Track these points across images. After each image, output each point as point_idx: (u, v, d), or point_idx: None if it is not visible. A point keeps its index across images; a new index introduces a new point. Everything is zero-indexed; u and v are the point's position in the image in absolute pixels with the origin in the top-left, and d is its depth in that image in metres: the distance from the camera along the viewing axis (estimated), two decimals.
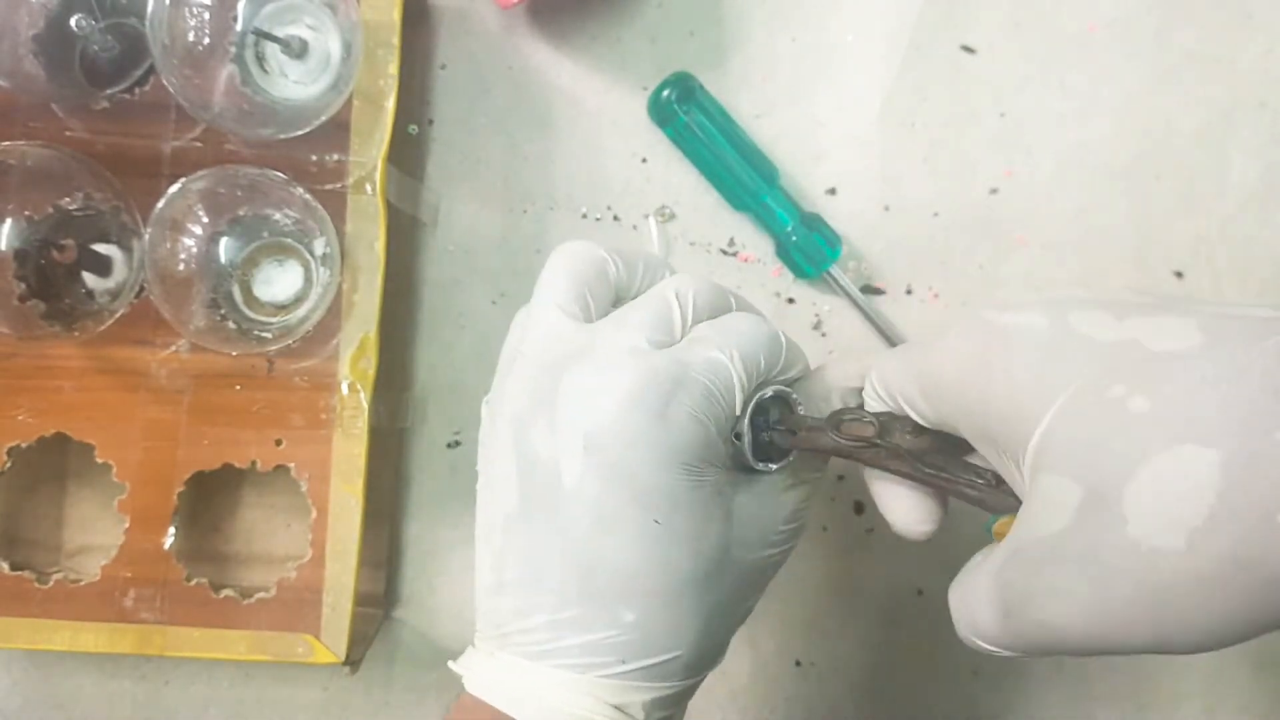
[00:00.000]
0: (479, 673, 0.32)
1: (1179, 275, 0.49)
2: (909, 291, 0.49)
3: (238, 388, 0.44)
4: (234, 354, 0.43)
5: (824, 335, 0.49)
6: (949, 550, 0.49)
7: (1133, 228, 0.49)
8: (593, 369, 0.31)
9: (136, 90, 0.43)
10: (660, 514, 0.30)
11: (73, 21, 0.43)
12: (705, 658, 0.33)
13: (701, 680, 0.34)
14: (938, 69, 0.49)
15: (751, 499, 0.33)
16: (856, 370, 0.35)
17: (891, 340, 0.49)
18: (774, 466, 0.33)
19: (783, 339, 0.34)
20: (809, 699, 0.49)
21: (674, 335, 0.32)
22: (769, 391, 0.33)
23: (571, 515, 0.31)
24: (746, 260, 0.49)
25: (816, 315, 0.49)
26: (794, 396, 0.34)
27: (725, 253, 0.49)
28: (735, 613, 0.34)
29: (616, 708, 0.31)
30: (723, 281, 0.35)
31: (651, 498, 0.30)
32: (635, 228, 0.49)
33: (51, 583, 0.44)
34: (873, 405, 0.33)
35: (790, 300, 0.49)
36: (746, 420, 0.32)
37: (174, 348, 0.44)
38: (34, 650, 0.46)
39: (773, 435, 0.33)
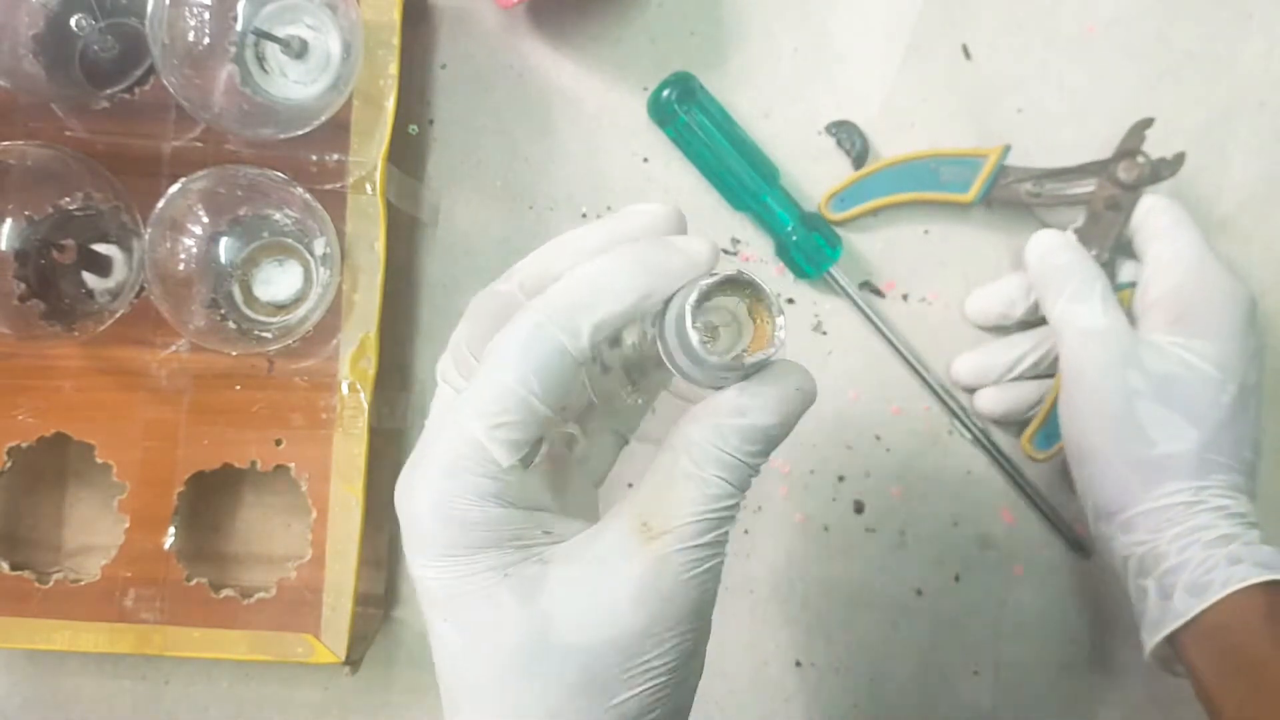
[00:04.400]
0: None
1: None
2: (904, 297, 0.49)
3: (238, 388, 0.44)
4: (234, 354, 0.43)
5: (824, 335, 0.49)
6: (949, 551, 0.49)
7: None
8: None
9: (136, 90, 0.43)
10: (446, 612, 0.27)
11: (73, 21, 0.43)
12: None
13: None
14: (938, 69, 0.49)
15: (576, 570, 0.27)
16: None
17: (892, 341, 0.48)
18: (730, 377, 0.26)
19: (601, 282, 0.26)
20: (809, 699, 0.49)
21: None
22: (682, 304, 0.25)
23: None
24: (746, 260, 0.49)
25: (816, 315, 0.49)
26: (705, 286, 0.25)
27: (725, 253, 0.49)
28: (601, 712, 0.27)
29: None
30: None
31: (432, 597, 0.27)
32: None
33: (51, 583, 0.44)
34: None
35: (790, 300, 0.49)
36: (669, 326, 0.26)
37: (174, 348, 0.44)
38: (34, 650, 0.46)
39: None
